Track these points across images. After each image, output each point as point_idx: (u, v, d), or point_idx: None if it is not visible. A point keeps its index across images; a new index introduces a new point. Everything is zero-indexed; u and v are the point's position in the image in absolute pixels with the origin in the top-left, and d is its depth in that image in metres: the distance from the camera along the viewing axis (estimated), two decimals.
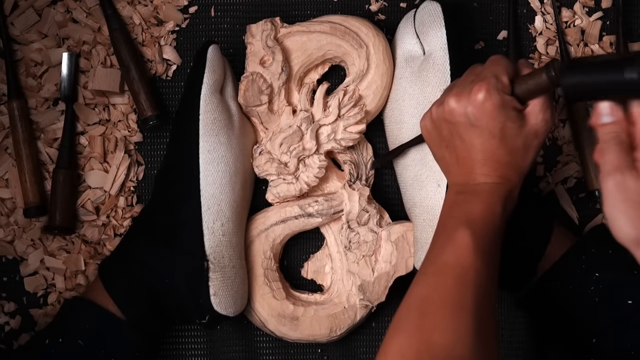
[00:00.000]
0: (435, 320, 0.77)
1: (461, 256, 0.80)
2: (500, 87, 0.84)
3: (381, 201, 1.04)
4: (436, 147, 0.90)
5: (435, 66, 0.98)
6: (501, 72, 0.85)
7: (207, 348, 1.06)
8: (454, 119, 0.86)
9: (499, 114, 0.84)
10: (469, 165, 0.86)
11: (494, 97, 0.84)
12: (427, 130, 0.91)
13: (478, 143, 0.85)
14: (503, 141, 0.85)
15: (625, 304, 0.91)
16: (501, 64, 0.86)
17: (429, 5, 0.99)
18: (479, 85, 0.84)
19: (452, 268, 0.80)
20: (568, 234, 0.98)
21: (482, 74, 0.86)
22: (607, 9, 1.07)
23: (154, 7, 1.06)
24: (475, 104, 0.84)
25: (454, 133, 0.87)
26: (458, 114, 0.86)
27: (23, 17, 1.05)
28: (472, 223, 0.82)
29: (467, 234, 0.81)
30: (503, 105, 0.84)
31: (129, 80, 1.03)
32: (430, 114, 0.89)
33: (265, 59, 1.01)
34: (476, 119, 0.85)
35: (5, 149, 1.06)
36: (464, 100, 0.85)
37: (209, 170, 0.97)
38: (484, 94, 0.84)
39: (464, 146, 0.86)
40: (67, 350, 0.95)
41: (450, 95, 0.86)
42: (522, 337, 1.06)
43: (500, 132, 0.85)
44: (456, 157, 0.88)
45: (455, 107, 0.86)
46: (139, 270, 0.97)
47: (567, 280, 0.94)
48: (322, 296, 1.04)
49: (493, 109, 0.84)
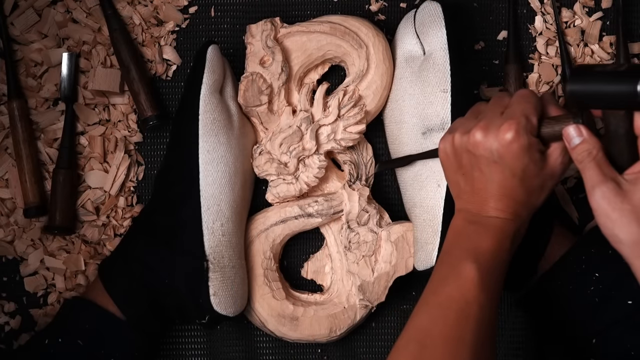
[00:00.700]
0: (433, 353, 0.78)
1: (465, 290, 0.81)
2: (529, 128, 0.85)
3: (381, 201, 1.04)
4: (452, 172, 0.90)
5: (436, 66, 0.98)
6: (531, 112, 0.85)
7: (207, 348, 1.06)
8: (477, 152, 0.86)
9: (524, 156, 0.84)
10: (484, 197, 0.87)
11: (522, 139, 0.84)
12: (445, 154, 0.90)
13: (497, 179, 0.86)
14: (523, 181, 0.85)
15: (625, 304, 0.91)
16: (531, 103, 0.86)
17: (429, 5, 0.99)
18: (509, 124, 0.84)
19: (455, 302, 0.81)
20: (568, 234, 0.99)
21: (511, 111, 0.86)
22: (607, 9, 1.07)
23: (154, 7, 1.06)
24: (502, 142, 0.84)
25: (475, 165, 0.87)
26: (483, 148, 0.85)
27: (23, 17, 1.05)
28: (480, 257, 0.83)
29: (474, 268, 0.82)
30: (529, 148, 0.84)
31: (129, 80, 1.03)
32: (453, 140, 0.89)
33: (265, 59, 1.01)
34: (500, 157, 0.85)
35: (5, 149, 1.06)
36: (492, 137, 0.85)
37: (208, 170, 0.97)
38: (512, 135, 0.84)
39: (482, 179, 0.87)
40: (67, 350, 0.95)
41: (478, 127, 0.86)
42: (522, 337, 1.06)
43: (522, 172, 0.85)
44: (472, 186, 0.88)
45: (481, 141, 0.85)
46: (139, 270, 0.97)
47: (567, 280, 0.94)
48: (322, 296, 1.04)
49: (519, 150, 0.84)
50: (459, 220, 0.88)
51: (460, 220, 0.88)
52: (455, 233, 0.87)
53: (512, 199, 0.86)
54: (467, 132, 0.87)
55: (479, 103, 0.93)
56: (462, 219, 0.88)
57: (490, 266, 0.83)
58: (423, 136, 0.98)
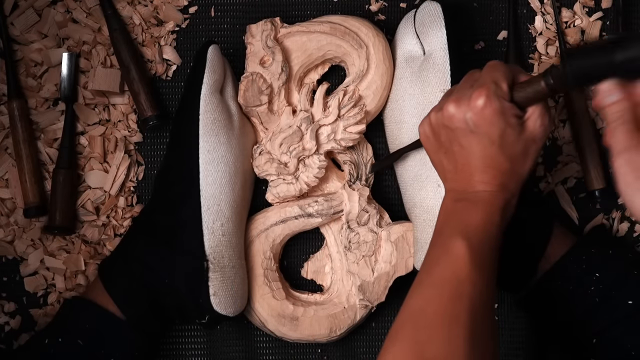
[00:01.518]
0: (429, 333, 0.77)
1: (457, 269, 0.80)
2: (500, 93, 0.84)
3: (381, 201, 1.04)
4: (434, 153, 0.90)
5: (436, 66, 0.98)
6: (500, 78, 0.85)
7: (207, 348, 1.06)
8: (453, 125, 0.85)
9: (498, 120, 0.84)
10: (468, 172, 0.86)
11: (493, 103, 0.83)
12: (425, 136, 0.90)
13: (477, 150, 0.85)
14: (502, 148, 0.84)
15: (625, 304, 0.91)
16: (500, 70, 0.86)
17: (429, 5, 0.99)
18: (479, 91, 0.84)
19: (447, 280, 0.80)
20: (568, 234, 0.99)
21: (481, 80, 0.86)
22: (607, 9, 1.07)
23: (154, 7, 1.06)
24: (474, 110, 0.84)
25: (453, 139, 0.86)
26: (457, 119, 0.85)
27: (23, 17, 1.05)
28: (469, 233, 0.82)
29: (464, 245, 0.81)
30: (503, 112, 0.84)
31: (129, 80, 1.03)
32: (429, 119, 0.89)
33: (265, 59, 1.01)
34: (476, 125, 0.84)
35: (5, 149, 1.06)
36: (464, 106, 0.84)
37: (208, 170, 0.97)
38: (483, 100, 0.83)
39: (463, 153, 0.86)
40: (67, 350, 0.95)
41: (450, 100, 0.86)
42: (522, 337, 1.06)
43: (500, 138, 0.84)
44: (455, 163, 0.87)
45: (454, 112, 0.85)
46: (139, 270, 0.97)
47: (567, 280, 0.94)
48: (322, 296, 1.04)
49: (493, 115, 0.83)
50: (448, 201, 0.87)
51: (449, 200, 0.87)
52: (445, 213, 0.86)
53: (496, 169, 0.85)
54: (441, 108, 0.87)
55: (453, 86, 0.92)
56: (451, 199, 0.87)
57: (481, 242, 0.82)
58: None
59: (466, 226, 0.83)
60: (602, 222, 1.06)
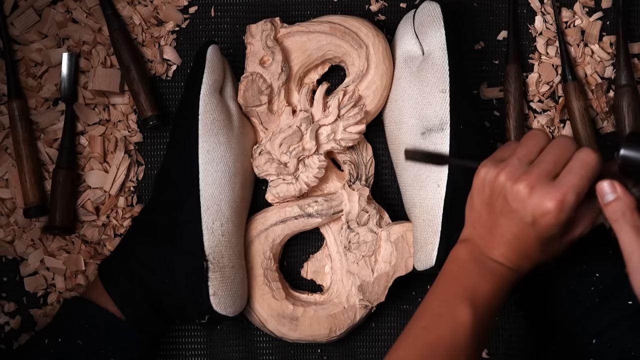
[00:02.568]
0: None
1: (457, 335, 0.80)
2: (574, 206, 0.80)
3: (381, 201, 1.04)
4: (479, 202, 0.85)
5: (434, 67, 0.98)
6: (584, 188, 0.80)
7: (207, 348, 1.06)
8: (513, 205, 0.81)
9: (556, 228, 0.81)
10: (499, 242, 0.84)
11: (562, 216, 0.79)
12: (482, 185, 0.84)
13: (519, 233, 0.82)
14: (544, 243, 0.83)
15: (625, 304, 0.90)
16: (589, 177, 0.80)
17: (428, 5, 0.99)
18: (556, 197, 0.79)
19: (444, 345, 0.80)
20: None
21: (566, 180, 0.80)
22: (607, 9, 1.07)
23: (154, 7, 1.06)
24: (541, 210, 0.79)
25: (506, 213, 0.82)
26: (521, 205, 0.81)
27: (23, 17, 1.05)
28: (476, 300, 0.82)
29: (469, 313, 0.81)
30: (565, 223, 0.81)
31: (129, 80, 1.03)
32: (496, 177, 0.82)
33: (265, 59, 1.01)
34: (533, 221, 0.81)
35: (5, 149, 1.06)
36: (535, 199, 0.80)
37: (208, 170, 0.97)
38: (555, 209, 0.79)
39: (504, 225, 0.83)
40: (67, 350, 0.95)
41: (525, 182, 0.80)
42: (522, 337, 1.06)
43: (547, 239, 0.83)
44: (491, 226, 0.84)
45: (522, 198, 0.80)
46: (138, 270, 0.97)
47: (567, 280, 0.94)
48: (322, 296, 1.04)
49: (555, 224, 0.80)
50: (463, 251, 0.85)
51: (465, 252, 0.85)
52: (456, 264, 0.85)
53: (524, 253, 0.84)
54: (513, 179, 0.81)
55: (539, 137, 0.84)
56: (467, 251, 0.85)
57: (484, 310, 0.82)
58: (422, 136, 0.98)
59: (474, 291, 0.82)
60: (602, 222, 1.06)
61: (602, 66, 1.06)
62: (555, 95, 1.07)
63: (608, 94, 1.06)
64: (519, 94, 1.05)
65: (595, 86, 1.05)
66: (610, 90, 1.06)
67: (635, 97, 1.02)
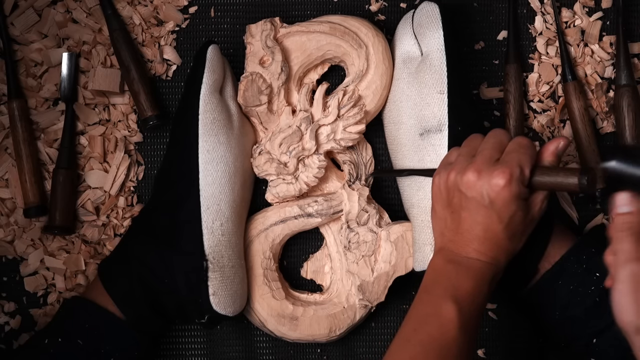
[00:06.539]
0: None
1: (446, 331, 0.83)
2: (522, 179, 0.86)
3: (381, 201, 1.04)
4: (441, 207, 0.90)
5: (432, 67, 0.98)
6: (526, 163, 0.86)
7: (207, 348, 1.06)
8: (468, 193, 0.87)
9: (512, 204, 0.86)
10: (468, 238, 0.87)
11: (513, 188, 0.85)
12: (438, 190, 0.90)
13: (484, 222, 0.87)
14: (508, 227, 0.87)
15: None
16: (528, 154, 0.87)
17: (427, 6, 0.99)
18: (503, 170, 0.85)
19: (436, 341, 0.82)
20: (568, 234, 0.98)
21: (508, 158, 0.87)
22: (607, 9, 1.07)
23: (154, 7, 1.06)
24: (494, 187, 0.85)
25: (464, 205, 0.87)
26: (474, 190, 0.86)
27: (23, 17, 1.05)
28: (459, 297, 0.84)
29: (454, 309, 0.83)
30: (518, 196, 0.86)
31: (129, 80, 1.03)
32: (448, 177, 0.89)
33: (265, 59, 1.01)
34: (490, 201, 0.86)
35: (5, 149, 1.06)
36: (484, 180, 0.86)
37: (208, 170, 0.97)
38: (505, 182, 0.85)
39: (469, 219, 0.87)
40: (67, 350, 0.95)
41: (472, 168, 0.87)
42: (522, 337, 1.06)
43: (509, 219, 0.86)
44: (457, 226, 0.88)
45: (474, 183, 0.86)
46: (138, 270, 0.97)
47: (567, 280, 0.94)
48: (322, 296, 1.04)
49: (509, 198, 0.85)
50: (439, 259, 0.89)
51: (440, 259, 0.88)
52: (435, 272, 0.88)
53: (495, 243, 0.87)
54: (462, 171, 0.87)
55: (476, 137, 0.92)
56: (442, 258, 0.88)
57: (469, 307, 0.85)
58: (420, 137, 0.98)
59: (456, 289, 0.85)
60: (602, 222, 1.06)
61: (602, 66, 1.06)
62: (555, 95, 1.07)
63: (608, 93, 1.06)
64: (519, 94, 1.05)
65: (595, 86, 1.05)
66: (610, 90, 1.06)
67: (635, 97, 1.02)
